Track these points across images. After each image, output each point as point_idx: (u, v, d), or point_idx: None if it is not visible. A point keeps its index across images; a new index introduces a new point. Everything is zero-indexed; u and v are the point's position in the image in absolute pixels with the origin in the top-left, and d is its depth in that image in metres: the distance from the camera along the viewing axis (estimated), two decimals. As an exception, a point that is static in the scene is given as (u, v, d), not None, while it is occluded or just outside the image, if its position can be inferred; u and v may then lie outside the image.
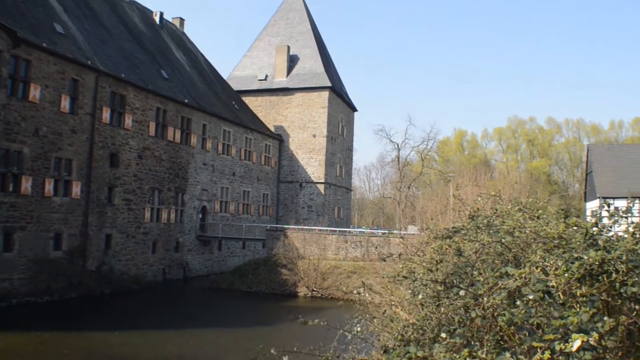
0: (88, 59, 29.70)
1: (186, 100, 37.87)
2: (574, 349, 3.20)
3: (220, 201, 42.08)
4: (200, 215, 39.84)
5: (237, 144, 44.39)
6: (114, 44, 34.79)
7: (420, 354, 4.17)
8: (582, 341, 3.21)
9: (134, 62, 35.31)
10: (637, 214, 4.43)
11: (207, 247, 40.51)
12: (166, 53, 42.54)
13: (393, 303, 9.20)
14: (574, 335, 3.24)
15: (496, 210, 6.79)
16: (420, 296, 5.75)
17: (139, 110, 33.24)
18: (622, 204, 4.51)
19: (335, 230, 39.35)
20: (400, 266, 6.98)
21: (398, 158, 75.10)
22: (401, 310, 8.82)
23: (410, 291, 6.89)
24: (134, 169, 32.70)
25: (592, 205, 44.29)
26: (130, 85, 32.52)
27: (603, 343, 3.59)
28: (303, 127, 50.58)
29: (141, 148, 33.35)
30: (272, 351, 5.43)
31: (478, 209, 7.20)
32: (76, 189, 28.58)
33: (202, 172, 39.74)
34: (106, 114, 30.64)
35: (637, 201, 4.41)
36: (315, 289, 31.73)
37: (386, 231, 41.19)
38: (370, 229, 53.88)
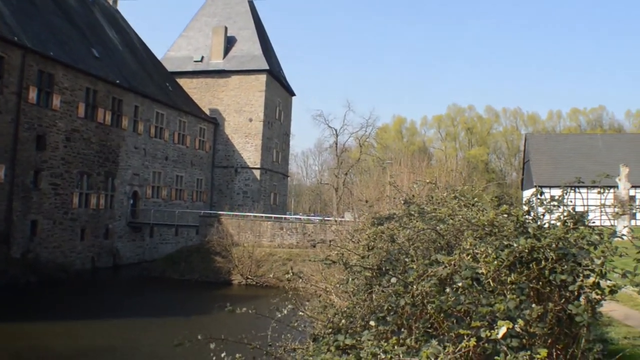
0: (14, 35, 28.26)
1: (118, 81, 36.63)
2: (500, 335, 3.17)
3: (152, 186, 41.05)
4: (131, 201, 38.76)
5: (170, 127, 43.35)
6: (43, 19, 33.15)
7: (348, 342, 4.09)
8: (508, 328, 3.18)
9: (63, 40, 33.78)
10: (570, 203, 4.45)
11: (138, 234, 39.47)
12: (98, 31, 40.91)
13: (327, 290, 9.13)
14: (499, 322, 3.21)
15: (431, 197, 6.77)
16: (354, 283, 5.68)
17: (67, 90, 31.90)
18: (558, 192, 4.51)
19: (271, 217, 39.17)
20: (335, 253, 6.88)
21: (336, 144, 75.33)
22: (335, 297, 8.76)
23: (344, 278, 6.82)
24: (61, 152, 31.41)
25: (528, 193, 45.85)
26: (58, 63, 31.14)
27: (530, 330, 3.57)
28: (239, 110, 49.91)
29: (69, 130, 32.06)
30: (198, 337, 5.23)
31: (413, 196, 7.18)
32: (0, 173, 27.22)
33: (134, 156, 38.62)
34: (33, 94, 29.29)
35: (570, 190, 4.41)
36: (249, 276, 31.52)
37: (322, 217, 41.29)
38: (307, 216, 53.92)
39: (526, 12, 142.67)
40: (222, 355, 5.48)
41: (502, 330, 3.19)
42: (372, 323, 4.24)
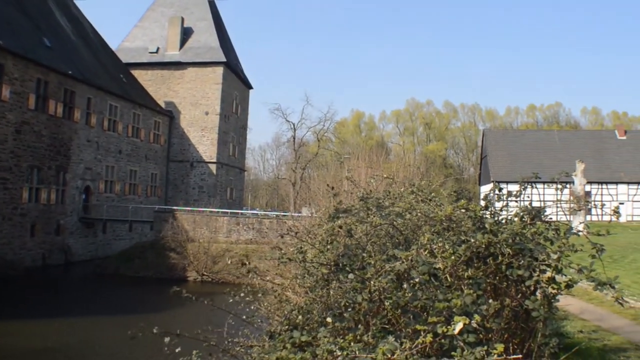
0: (-41, 23, 27.14)
1: (70, 72, 35.64)
2: (456, 331, 3.16)
3: (105, 181, 40.15)
4: (84, 196, 37.83)
5: (124, 120, 42.45)
6: (-9, 7, 31.98)
7: (304, 339, 4.03)
8: (464, 324, 3.16)
9: (13, 28, 32.60)
10: (528, 199, 4.48)
11: (90, 229, 38.56)
12: (50, 19, 39.66)
13: (284, 286, 9.04)
14: (456, 318, 3.21)
15: (389, 192, 6.76)
16: (311, 278, 5.63)
17: (17, 81, 30.87)
18: (515, 188, 4.54)
19: (227, 212, 38.83)
20: (292, 249, 6.81)
21: (294, 138, 75.12)
22: (291, 293, 8.68)
23: (300, 273, 6.77)
24: (11, 145, 30.39)
25: (486, 188, 46.77)
26: (8, 53, 30.06)
27: (487, 325, 3.57)
28: (195, 103, 49.20)
29: (19, 122, 31.05)
30: (154, 330, 5.09)
31: (371, 191, 7.16)
32: (-57, 166, 26.18)
33: (86, 149, 37.67)
34: (-20, 84, 28.26)
35: (527, 186, 4.44)
36: (205, 273, 31.19)
37: (279, 213, 41.17)
38: (264, 211, 53.65)
39: (482, 9, 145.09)
40: (177, 350, 5.37)
41: (459, 326, 3.18)
42: (328, 320, 4.19)
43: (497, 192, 4.56)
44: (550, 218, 4.16)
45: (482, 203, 4.51)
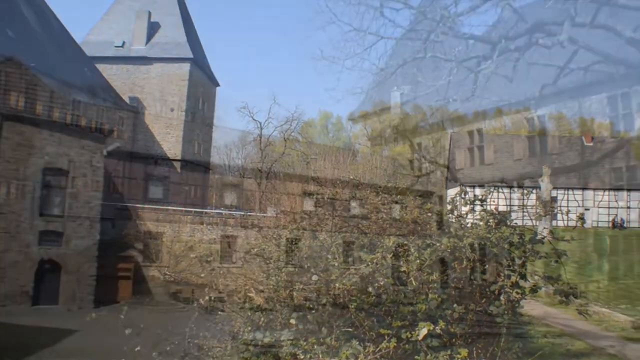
0: None
1: (33, 64, 34.73)
2: (420, 337, 3.14)
3: (67, 176, 39.24)
4: (44, 192, 36.87)
5: (88, 114, 41.56)
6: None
7: (267, 340, 3.97)
8: (429, 330, 3.14)
9: (-28, 19, 31.75)
10: (494, 203, 4.49)
11: (51, 226, 37.56)
12: (13, 10, 38.67)
13: (247, 286, 8.97)
14: (420, 324, 3.18)
15: (355, 194, 6.76)
16: (274, 279, 5.59)
17: (-23, 73, 30.03)
18: (482, 192, 4.54)
19: (191, 211, 38.41)
20: (255, 250, 6.76)
21: (260, 137, 74.70)
22: (255, 294, 8.61)
23: (264, 274, 6.71)
24: (-33, 137, 29.51)
25: (452, 192, 47.13)
26: (-33, 43, 29.21)
27: (451, 330, 3.57)
28: (161, 99, 48.51)
29: (-22, 114, 30.18)
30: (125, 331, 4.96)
31: (337, 192, 7.15)
32: None
33: (49, 143, 36.75)
34: (-64, 75, 27.32)
35: (494, 190, 4.46)
36: (168, 272, 30.81)
37: (244, 212, 40.98)
38: (229, 211, 53.32)
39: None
40: (137, 349, 5.29)
41: (423, 332, 3.16)
42: (292, 322, 4.14)
43: (463, 195, 4.56)
44: (516, 223, 4.17)
45: (449, 207, 4.51)
